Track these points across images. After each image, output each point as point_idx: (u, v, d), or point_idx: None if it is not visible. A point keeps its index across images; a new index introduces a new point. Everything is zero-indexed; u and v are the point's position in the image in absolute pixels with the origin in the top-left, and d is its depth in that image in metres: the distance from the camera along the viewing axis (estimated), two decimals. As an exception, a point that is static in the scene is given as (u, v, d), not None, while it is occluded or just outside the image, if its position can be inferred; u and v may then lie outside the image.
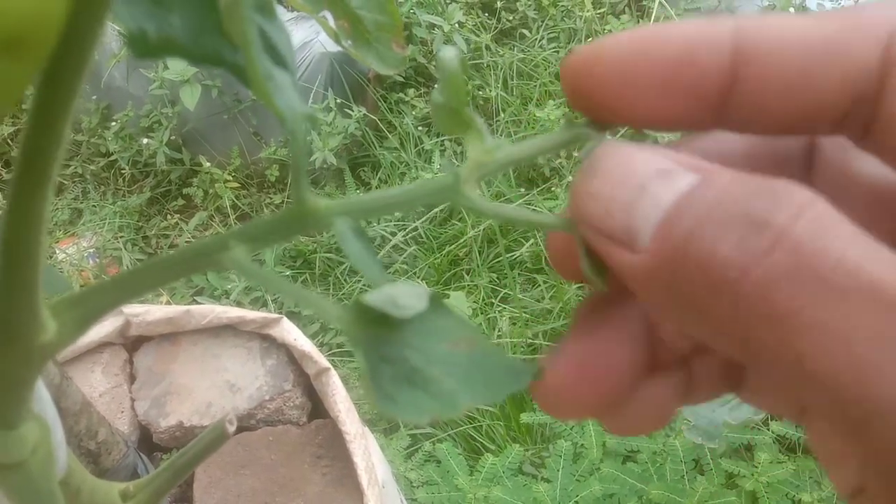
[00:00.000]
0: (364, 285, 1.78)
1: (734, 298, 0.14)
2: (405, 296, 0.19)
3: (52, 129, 0.18)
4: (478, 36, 2.17)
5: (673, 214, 0.15)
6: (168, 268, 0.22)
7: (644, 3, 2.15)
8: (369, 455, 0.73)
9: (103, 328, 0.82)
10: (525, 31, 2.23)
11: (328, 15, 0.38)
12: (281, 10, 1.90)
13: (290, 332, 0.81)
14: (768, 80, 0.16)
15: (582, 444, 1.12)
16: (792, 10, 1.88)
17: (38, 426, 0.26)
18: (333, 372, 0.78)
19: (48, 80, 0.17)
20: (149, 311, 0.81)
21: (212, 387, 0.82)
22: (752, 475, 1.05)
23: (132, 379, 0.84)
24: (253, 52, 0.19)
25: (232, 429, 0.38)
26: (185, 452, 0.40)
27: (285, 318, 0.83)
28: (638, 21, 2.12)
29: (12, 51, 0.13)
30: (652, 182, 0.15)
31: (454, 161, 1.99)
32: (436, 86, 0.21)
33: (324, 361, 0.78)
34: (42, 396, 0.33)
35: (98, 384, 0.81)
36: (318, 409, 0.84)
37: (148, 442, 0.81)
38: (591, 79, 0.18)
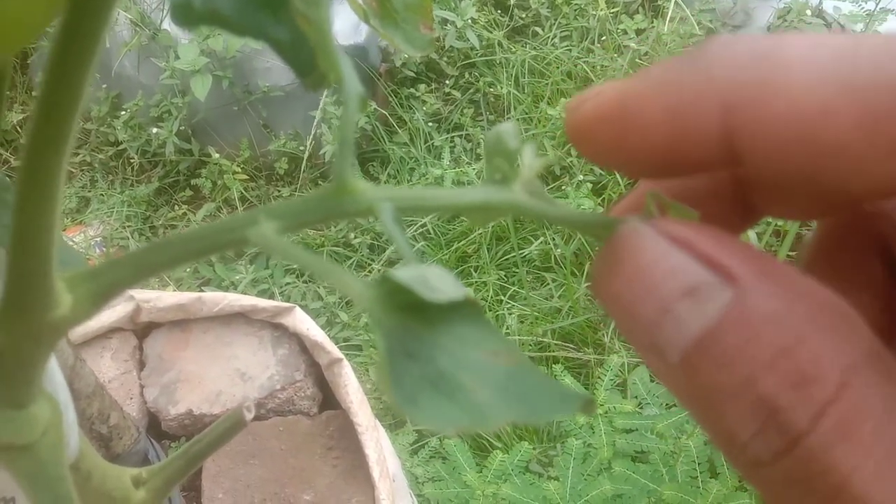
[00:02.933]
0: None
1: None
2: (439, 278, 0.17)
3: (72, 83, 0.17)
4: (490, 32, 2.15)
5: (701, 349, 0.13)
6: (191, 243, 0.20)
7: (659, 2, 2.13)
8: (381, 447, 0.72)
9: (113, 313, 0.81)
10: (538, 29, 2.21)
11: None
12: None
13: (302, 322, 0.80)
14: (774, 173, 0.14)
15: (591, 444, 1.11)
16: (809, 12, 1.87)
17: (50, 406, 0.25)
18: (346, 363, 0.77)
19: (64, 43, 0.16)
20: (160, 298, 0.80)
21: (222, 375, 0.81)
22: (764, 478, 1.03)
23: (141, 365, 0.83)
24: (328, 29, 0.18)
25: (250, 416, 0.37)
26: (200, 439, 0.39)
27: (298, 308, 0.82)
28: (652, 21, 2.10)
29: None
30: (677, 304, 0.14)
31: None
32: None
33: (336, 352, 0.77)
34: (55, 377, 0.32)
35: (107, 370, 0.81)
36: (329, 399, 0.83)
37: (156, 429, 0.81)
38: (589, 143, 0.17)
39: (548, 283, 1.71)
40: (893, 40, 0.13)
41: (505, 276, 1.75)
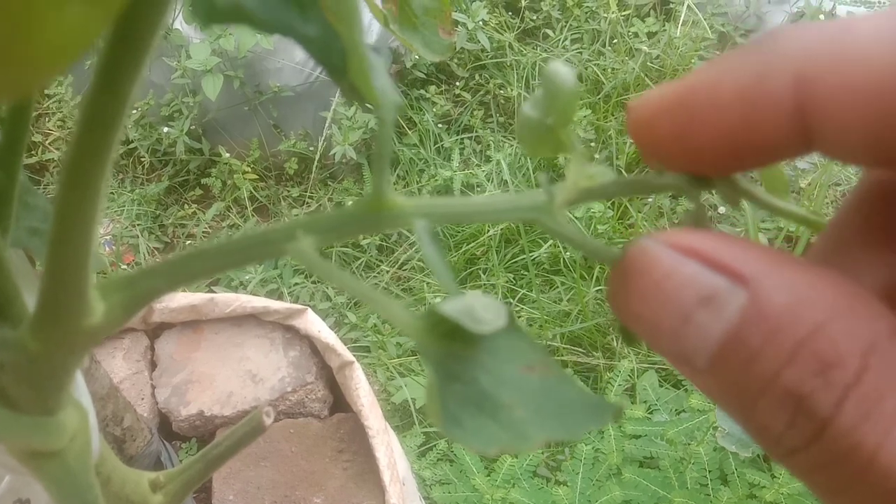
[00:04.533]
0: (381, 283, 1.77)
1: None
2: (483, 309, 0.17)
3: (120, 92, 0.17)
4: (501, 34, 2.15)
5: (725, 352, 0.14)
6: (227, 254, 0.20)
7: (671, 5, 2.12)
8: (391, 451, 0.72)
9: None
10: (549, 31, 2.21)
11: (378, -2, 0.37)
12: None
13: (314, 324, 0.80)
14: (848, 139, 0.14)
15: (600, 449, 1.11)
16: (822, 17, 1.86)
17: (78, 413, 0.25)
18: (357, 365, 0.77)
19: (118, 37, 0.16)
20: (172, 298, 0.80)
21: (233, 376, 0.81)
22: (773, 486, 1.03)
23: (153, 366, 0.83)
24: (358, 26, 0.18)
25: (269, 421, 0.37)
26: (218, 444, 0.39)
27: (310, 310, 0.82)
28: (664, 24, 2.10)
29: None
30: (696, 313, 0.14)
31: (548, 178, 1.98)
32: (529, 101, 0.19)
33: (347, 354, 0.77)
34: (78, 382, 0.32)
35: (119, 370, 0.81)
36: (339, 402, 0.83)
37: (167, 430, 0.81)
38: (653, 135, 0.17)
39: (557, 287, 1.71)
40: None
41: (514, 278, 1.74)
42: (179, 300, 0.81)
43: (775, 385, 0.13)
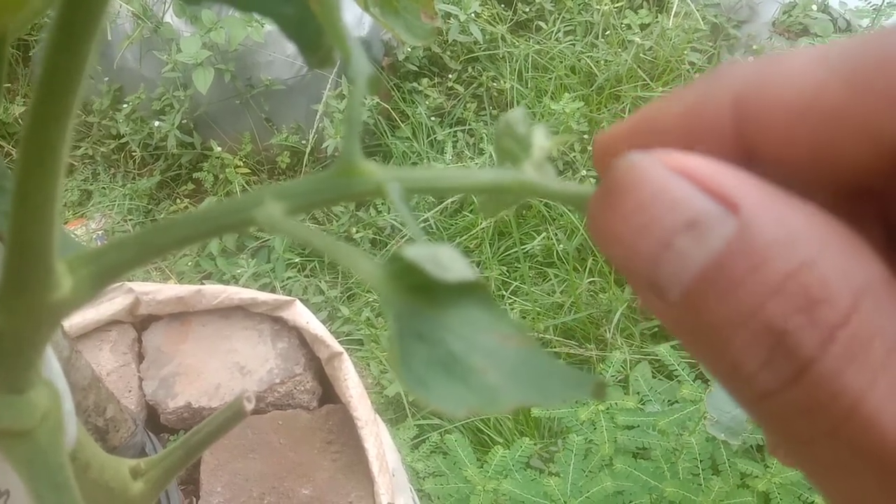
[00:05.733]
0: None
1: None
2: (450, 258, 0.17)
3: (76, 52, 0.16)
4: (494, 27, 2.14)
5: (704, 281, 0.13)
6: (195, 223, 0.20)
7: (663, -3, 2.12)
8: (381, 442, 0.72)
9: (112, 306, 0.80)
10: (541, 23, 2.20)
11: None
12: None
13: (302, 315, 0.79)
14: (781, 155, 0.15)
15: (592, 440, 1.11)
16: (814, 7, 1.86)
17: (48, 392, 0.25)
18: (346, 356, 0.76)
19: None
20: (159, 290, 0.80)
21: (221, 368, 0.80)
22: (765, 476, 1.03)
23: (140, 358, 0.83)
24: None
25: (250, 407, 0.37)
26: (199, 430, 0.38)
27: (298, 301, 0.81)
28: (656, 16, 2.09)
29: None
30: (679, 237, 0.13)
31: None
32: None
33: (336, 345, 0.77)
34: (52, 365, 0.31)
35: (106, 362, 0.80)
36: (328, 393, 0.82)
37: (155, 422, 0.80)
38: (609, 162, 0.17)
39: (550, 279, 1.71)
40: (880, 32, 0.14)
41: (507, 271, 1.74)
42: (166, 292, 0.81)
43: (755, 319, 0.13)
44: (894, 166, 0.14)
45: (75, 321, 0.80)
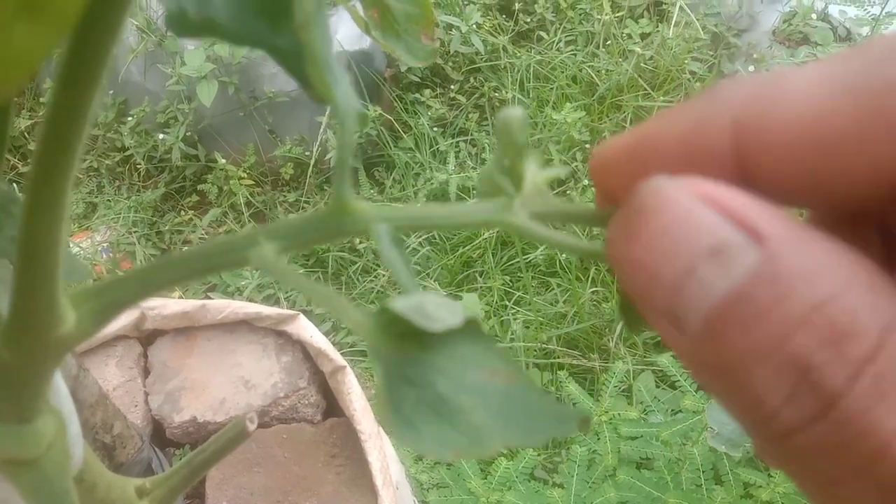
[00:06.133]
0: (377, 286, 1.77)
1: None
2: (437, 306, 0.17)
3: (78, 108, 0.17)
4: (495, 37, 2.15)
5: (727, 311, 0.13)
6: (193, 262, 0.21)
7: (664, 6, 2.13)
8: (384, 455, 0.72)
9: (118, 321, 0.81)
10: (542, 34, 2.21)
11: (358, 4, 0.37)
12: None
13: (306, 329, 0.80)
14: (782, 179, 0.14)
15: (596, 451, 1.11)
16: (814, 16, 1.86)
17: (55, 420, 0.26)
18: (349, 370, 0.77)
19: (73, 57, 0.16)
20: (165, 305, 0.81)
21: (226, 383, 0.81)
22: (769, 485, 1.03)
23: (146, 373, 0.83)
24: (318, 40, 0.18)
25: (253, 427, 0.37)
26: (203, 450, 0.39)
27: (302, 315, 0.82)
28: (657, 26, 2.10)
29: (34, 12, 0.12)
30: (702, 264, 0.13)
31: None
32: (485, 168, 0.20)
33: (339, 359, 0.77)
34: (59, 388, 0.32)
35: (112, 377, 0.81)
36: (332, 407, 0.83)
37: (160, 437, 0.81)
38: (609, 178, 0.18)
39: (553, 289, 1.71)
40: (880, 46, 0.14)
41: (510, 280, 1.75)
42: (172, 307, 0.82)
43: (779, 352, 0.12)
44: (893, 191, 0.14)
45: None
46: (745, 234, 0.13)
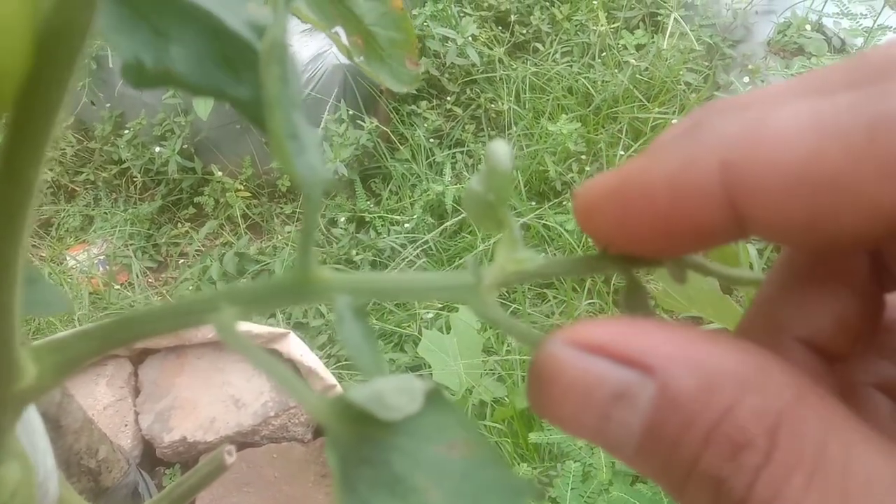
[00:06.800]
0: (374, 308, 1.76)
1: None
2: (395, 393, 0.17)
3: (23, 178, 0.17)
4: (491, 49, 2.16)
5: (648, 442, 0.14)
6: (155, 321, 0.21)
7: (659, 18, 2.13)
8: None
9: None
10: (538, 45, 2.22)
11: (341, 31, 0.37)
12: (294, 22, 1.90)
13: (296, 348, 0.80)
14: (774, 222, 0.15)
15: (591, 465, 1.10)
16: (808, 27, 1.87)
17: (20, 466, 0.26)
18: (340, 389, 0.77)
19: (16, 125, 0.16)
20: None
21: (216, 402, 0.81)
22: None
23: (136, 392, 0.83)
24: (278, 112, 0.18)
25: (231, 460, 0.37)
26: (182, 483, 0.39)
27: (292, 334, 0.82)
28: (652, 37, 2.11)
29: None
30: (613, 410, 0.15)
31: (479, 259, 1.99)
32: (476, 176, 0.20)
33: (330, 378, 0.77)
34: (32, 427, 0.32)
35: (102, 397, 0.81)
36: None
37: (151, 457, 0.81)
38: (595, 220, 0.18)
39: (549, 300, 1.71)
40: (866, 71, 0.14)
41: (506, 292, 1.74)
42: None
43: (696, 471, 0.14)
44: (888, 232, 0.14)
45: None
46: (637, 371, 0.14)
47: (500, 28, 2.26)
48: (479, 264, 0.20)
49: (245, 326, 0.84)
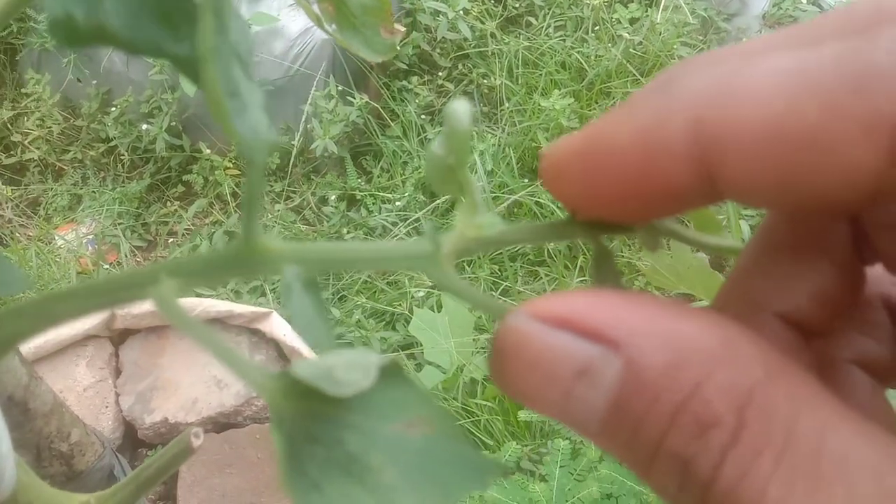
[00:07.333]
0: (363, 276, 1.75)
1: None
2: (347, 368, 0.15)
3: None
4: (483, 23, 2.13)
5: (613, 420, 0.14)
6: (93, 295, 0.19)
7: (653, -10, 2.11)
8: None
9: (88, 320, 0.80)
10: (531, 19, 2.19)
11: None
12: (282, -5, 1.87)
13: (279, 327, 0.79)
14: (747, 182, 0.14)
15: (581, 443, 1.10)
16: (804, 0, 1.85)
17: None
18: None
19: None
20: (135, 304, 0.79)
21: (198, 382, 0.80)
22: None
23: (117, 373, 0.82)
24: (213, 66, 0.16)
25: (198, 442, 0.36)
26: (148, 466, 0.38)
27: (275, 313, 0.81)
28: (646, 10, 2.08)
29: None
30: (576, 386, 0.14)
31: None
32: (438, 139, 0.18)
33: (314, 358, 0.76)
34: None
35: (82, 378, 0.80)
36: (307, 406, 0.81)
37: (132, 438, 0.80)
38: (563, 182, 0.17)
39: (541, 278, 1.70)
40: (856, 38, 0.13)
41: (498, 270, 1.73)
42: (143, 306, 0.80)
43: (661, 450, 0.13)
44: (869, 196, 0.13)
45: (51, 337, 0.79)
46: (602, 346, 0.14)
47: (492, 1, 2.22)
48: (437, 231, 0.19)
49: (226, 307, 0.83)
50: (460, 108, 0.18)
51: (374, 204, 1.90)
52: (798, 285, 0.17)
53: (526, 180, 1.86)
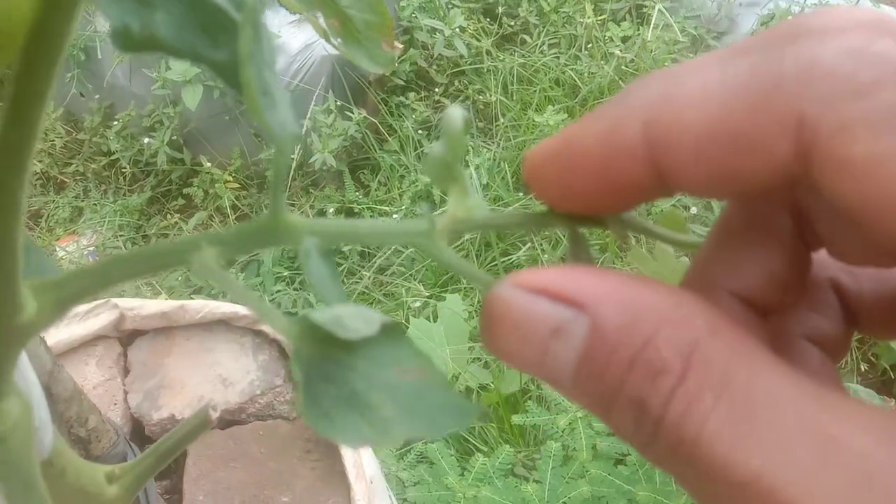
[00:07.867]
0: (360, 288, 1.79)
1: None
2: (354, 317, 0.19)
3: (29, 117, 0.19)
4: (479, 41, 2.18)
5: (582, 371, 0.16)
6: (143, 259, 0.23)
7: (645, 10, 2.16)
8: (358, 451, 0.74)
9: (98, 321, 0.83)
10: (526, 37, 2.24)
11: (320, 14, 0.39)
12: (283, 13, 1.91)
13: (281, 329, 0.82)
14: (690, 175, 0.17)
15: (573, 447, 1.13)
16: (791, 18, 1.89)
17: (20, 403, 0.27)
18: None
19: (21, 77, 0.18)
20: (143, 306, 0.83)
21: (204, 381, 0.83)
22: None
23: (126, 372, 0.85)
24: (250, 68, 0.20)
25: (215, 415, 0.39)
26: (168, 438, 0.41)
27: (278, 315, 0.83)
28: (638, 29, 2.13)
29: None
30: (552, 344, 0.16)
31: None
32: (437, 141, 0.22)
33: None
34: (27, 377, 0.34)
35: (92, 376, 0.83)
36: (308, 404, 0.84)
37: (140, 434, 0.82)
38: (541, 180, 0.20)
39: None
40: (770, 37, 0.16)
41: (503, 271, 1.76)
42: (150, 308, 0.83)
43: (621, 394, 0.16)
44: (788, 180, 0.16)
45: (62, 337, 0.82)
46: (573, 309, 0.16)
47: (487, 19, 2.27)
48: (433, 211, 0.22)
49: (231, 308, 0.86)
50: (455, 113, 0.22)
51: (371, 216, 1.94)
52: (749, 267, 0.19)
53: (521, 194, 1.90)
